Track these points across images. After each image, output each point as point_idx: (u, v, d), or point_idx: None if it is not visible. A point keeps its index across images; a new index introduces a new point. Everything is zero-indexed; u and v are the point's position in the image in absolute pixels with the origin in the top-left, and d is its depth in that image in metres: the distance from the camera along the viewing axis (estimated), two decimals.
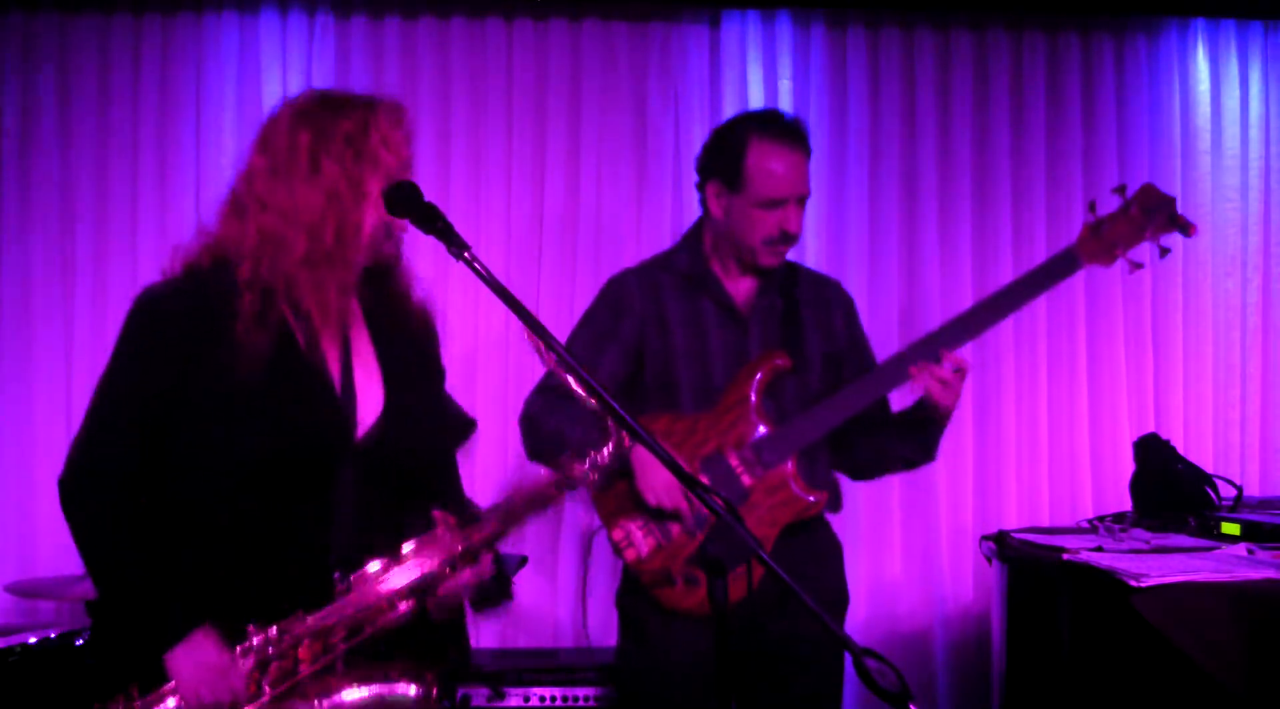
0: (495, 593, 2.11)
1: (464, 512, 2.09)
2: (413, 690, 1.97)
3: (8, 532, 3.86)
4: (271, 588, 1.99)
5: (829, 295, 2.96)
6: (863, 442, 2.90)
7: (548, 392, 2.82)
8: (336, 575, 1.97)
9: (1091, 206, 2.88)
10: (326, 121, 2.02)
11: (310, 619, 1.95)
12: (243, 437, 1.98)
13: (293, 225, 1.99)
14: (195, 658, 1.92)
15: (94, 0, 3.97)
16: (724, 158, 2.80)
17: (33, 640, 3.07)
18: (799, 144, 2.79)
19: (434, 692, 1.97)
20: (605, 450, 2.02)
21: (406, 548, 1.99)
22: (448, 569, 2.00)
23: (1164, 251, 2.87)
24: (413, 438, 2.11)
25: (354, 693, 1.95)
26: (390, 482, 2.09)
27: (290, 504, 2.01)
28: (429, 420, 2.17)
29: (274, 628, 1.95)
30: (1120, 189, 2.88)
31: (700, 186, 2.86)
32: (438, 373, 2.26)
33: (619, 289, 2.89)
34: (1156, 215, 2.84)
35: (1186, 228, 2.85)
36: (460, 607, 2.08)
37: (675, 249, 2.95)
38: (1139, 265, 2.86)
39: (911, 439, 2.88)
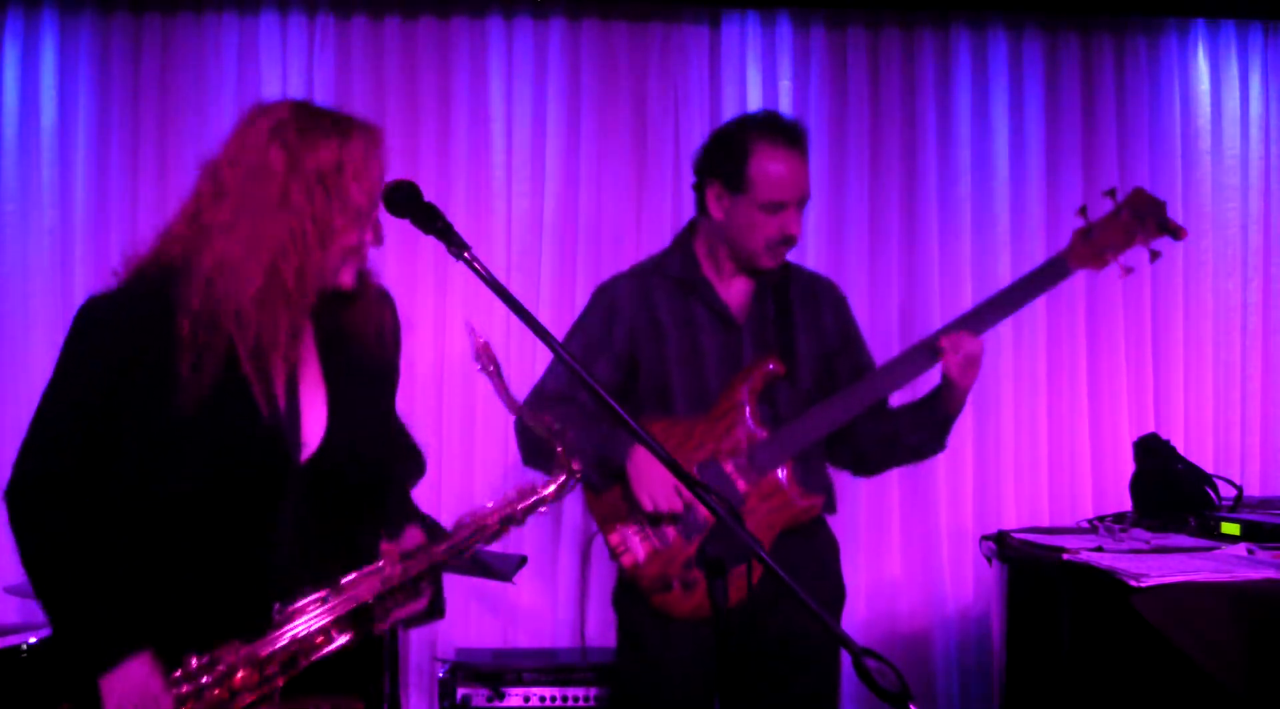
0: (426, 615, 2.10)
1: (405, 526, 2.07)
2: None
3: (8, 532, 3.85)
4: (211, 613, 1.95)
5: (819, 293, 2.96)
6: (873, 433, 2.89)
7: (542, 397, 2.81)
8: (276, 606, 1.93)
9: (1083, 211, 2.86)
10: (301, 151, 1.93)
11: (246, 649, 1.91)
12: (182, 456, 1.94)
13: (253, 256, 1.92)
14: (128, 683, 1.87)
15: (94, 0, 3.98)
16: (727, 160, 2.79)
17: (33, 640, 3.06)
18: (800, 147, 2.80)
19: None
20: (553, 485, 2.02)
21: (346, 579, 1.96)
22: (387, 602, 1.98)
23: (1154, 256, 2.86)
24: (356, 460, 2.06)
25: None
26: (335, 506, 2.04)
27: (231, 529, 1.96)
28: (374, 442, 2.11)
29: (209, 656, 1.90)
30: (1111, 192, 2.86)
31: (698, 187, 2.85)
32: (389, 396, 2.20)
33: (610, 296, 2.88)
34: (1147, 220, 2.83)
35: (1177, 232, 2.84)
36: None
37: (667, 252, 2.94)
38: (1130, 270, 2.86)
39: (925, 427, 2.88)
